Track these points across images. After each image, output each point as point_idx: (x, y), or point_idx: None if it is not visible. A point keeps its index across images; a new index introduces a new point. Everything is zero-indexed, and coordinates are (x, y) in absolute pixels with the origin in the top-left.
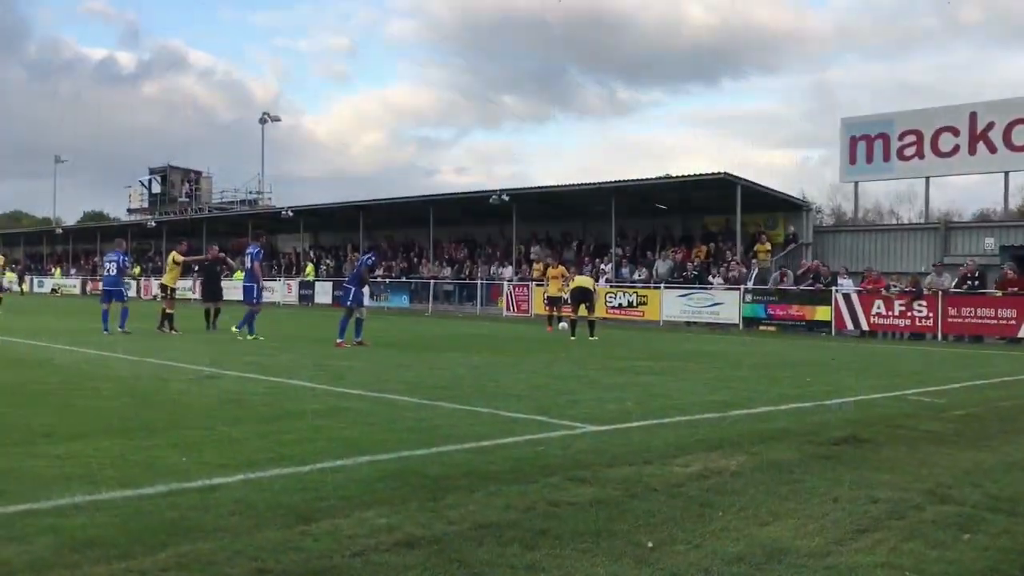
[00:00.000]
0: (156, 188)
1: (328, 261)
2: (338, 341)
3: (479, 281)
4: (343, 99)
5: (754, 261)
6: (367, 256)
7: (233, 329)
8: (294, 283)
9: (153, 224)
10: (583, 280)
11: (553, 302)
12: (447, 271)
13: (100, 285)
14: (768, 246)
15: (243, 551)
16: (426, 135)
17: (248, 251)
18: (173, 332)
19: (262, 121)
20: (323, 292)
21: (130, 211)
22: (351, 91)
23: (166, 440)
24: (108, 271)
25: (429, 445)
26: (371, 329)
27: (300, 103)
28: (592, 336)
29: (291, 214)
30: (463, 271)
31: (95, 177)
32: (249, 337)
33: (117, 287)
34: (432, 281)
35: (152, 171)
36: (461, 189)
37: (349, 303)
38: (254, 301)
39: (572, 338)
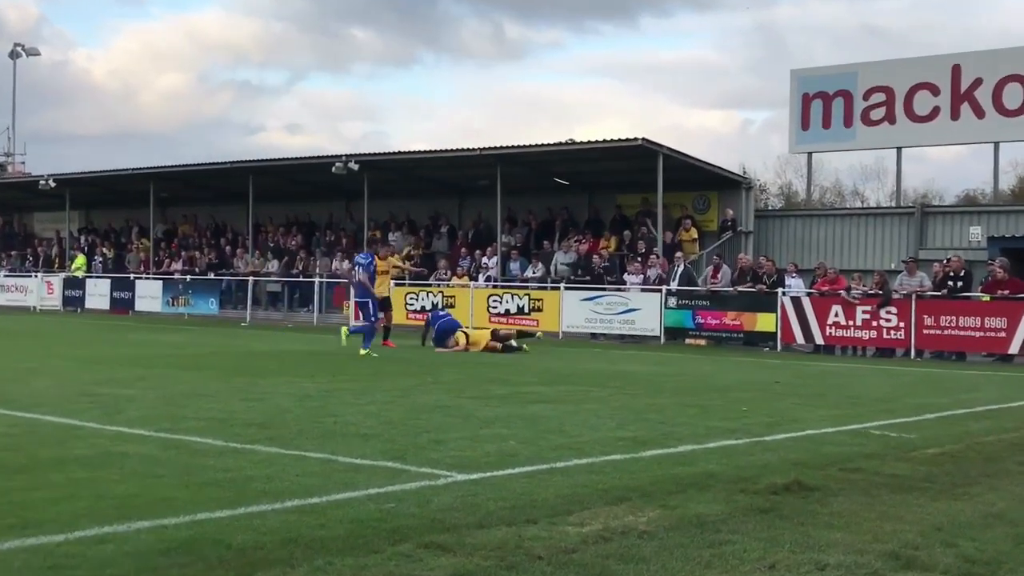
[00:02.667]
0: None
1: (105, 251)
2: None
3: (317, 280)
4: (130, 28)
5: (679, 255)
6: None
7: (361, 352)
8: (56, 280)
9: None
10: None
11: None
12: (272, 265)
13: None
14: (695, 234)
15: None
16: (247, 79)
17: (357, 260)
18: None
19: (13, 56)
20: (98, 294)
21: None
22: (142, 17)
23: None
24: None
25: (236, 504)
26: (162, 344)
27: (71, 33)
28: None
29: (53, 184)
30: (295, 265)
31: None
32: (363, 352)
33: None
34: (252, 279)
35: None
36: (294, 154)
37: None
38: (372, 318)
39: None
